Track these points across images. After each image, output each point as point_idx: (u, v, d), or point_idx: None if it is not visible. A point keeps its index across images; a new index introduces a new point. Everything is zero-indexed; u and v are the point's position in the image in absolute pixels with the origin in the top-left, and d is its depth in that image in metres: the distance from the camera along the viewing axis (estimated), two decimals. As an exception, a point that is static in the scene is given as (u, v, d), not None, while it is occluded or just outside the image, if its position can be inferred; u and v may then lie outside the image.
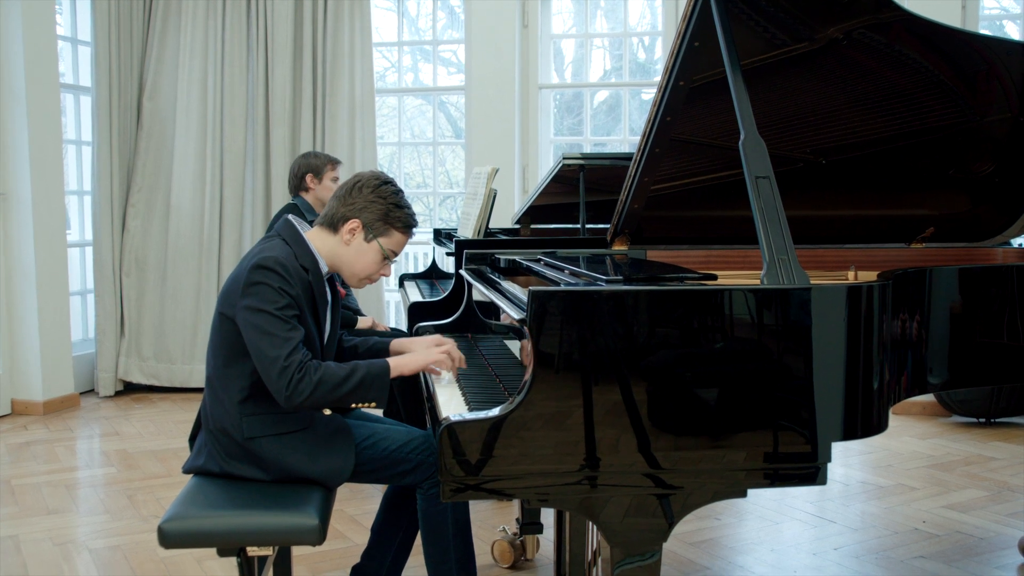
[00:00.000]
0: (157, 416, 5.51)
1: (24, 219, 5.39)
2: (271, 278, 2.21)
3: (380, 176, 2.40)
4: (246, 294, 2.21)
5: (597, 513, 1.84)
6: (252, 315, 2.20)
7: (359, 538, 3.42)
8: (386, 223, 2.36)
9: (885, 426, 2.00)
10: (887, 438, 4.86)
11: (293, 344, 2.18)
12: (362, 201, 2.35)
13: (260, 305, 2.20)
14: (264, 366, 2.19)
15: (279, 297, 2.20)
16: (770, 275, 1.95)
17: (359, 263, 2.39)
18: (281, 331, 2.18)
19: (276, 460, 2.29)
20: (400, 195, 2.39)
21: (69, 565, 3.27)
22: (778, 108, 2.78)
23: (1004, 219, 3.18)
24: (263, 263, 2.23)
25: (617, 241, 2.93)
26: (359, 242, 2.37)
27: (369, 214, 2.35)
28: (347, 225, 2.35)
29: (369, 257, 2.38)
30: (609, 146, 6.98)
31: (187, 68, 6.01)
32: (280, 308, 2.20)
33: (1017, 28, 6.10)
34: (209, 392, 2.37)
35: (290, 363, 2.16)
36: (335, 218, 2.37)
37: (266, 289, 2.20)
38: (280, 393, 2.17)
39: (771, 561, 3.31)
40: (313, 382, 2.17)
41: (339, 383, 2.20)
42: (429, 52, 7.21)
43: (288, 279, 2.23)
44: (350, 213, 2.35)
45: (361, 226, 2.35)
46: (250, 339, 2.21)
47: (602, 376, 1.79)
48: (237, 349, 2.28)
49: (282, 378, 2.16)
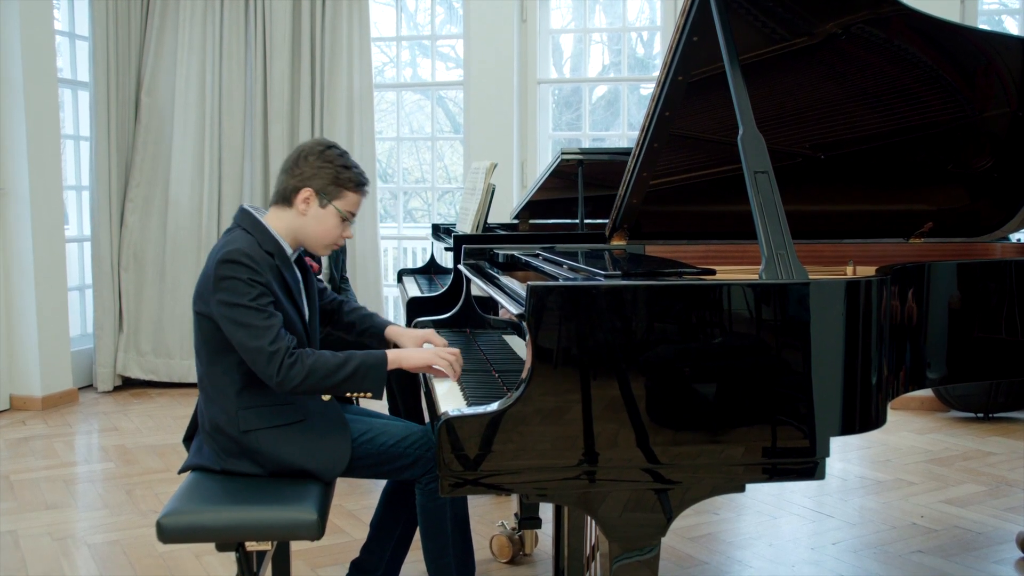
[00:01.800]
0: (155, 411, 5.51)
1: (22, 214, 5.38)
2: (239, 271, 2.21)
3: (322, 142, 2.40)
4: (218, 289, 2.22)
5: (595, 508, 1.84)
6: (228, 310, 2.21)
7: (358, 533, 3.42)
8: (337, 186, 2.36)
9: (883, 421, 2.00)
10: (885, 433, 4.87)
11: (274, 332, 2.19)
12: (310, 169, 2.35)
13: (233, 299, 2.20)
14: (250, 358, 2.20)
15: (250, 288, 2.21)
16: (768, 270, 1.94)
17: (319, 230, 2.38)
18: (259, 321, 2.19)
19: (272, 453, 2.29)
20: (346, 156, 2.40)
21: (68, 560, 3.27)
22: (777, 103, 2.78)
23: (1002, 214, 3.18)
24: (228, 257, 2.23)
25: (615, 236, 2.93)
26: (315, 210, 2.36)
27: (319, 180, 2.35)
28: (300, 195, 2.35)
29: (328, 223, 2.38)
30: (608, 141, 6.97)
31: (185, 63, 6.00)
32: (253, 299, 2.21)
33: (1016, 23, 6.10)
34: (202, 392, 2.37)
35: (276, 349, 2.17)
36: (287, 191, 2.37)
37: (236, 283, 2.21)
38: (271, 380, 2.19)
39: (769, 556, 3.31)
40: (306, 368, 2.19)
41: (333, 371, 2.21)
42: (428, 47, 7.20)
43: (256, 268, 2.23)
44: (300, 183, 2.35)
45: (314, 194, 2.35)
46: (231, 334, 2.22)
47: (601, 371, 1.79)
48: (221, 345, 2.28)
49: (271, 365, 2.17)
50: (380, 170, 7.21)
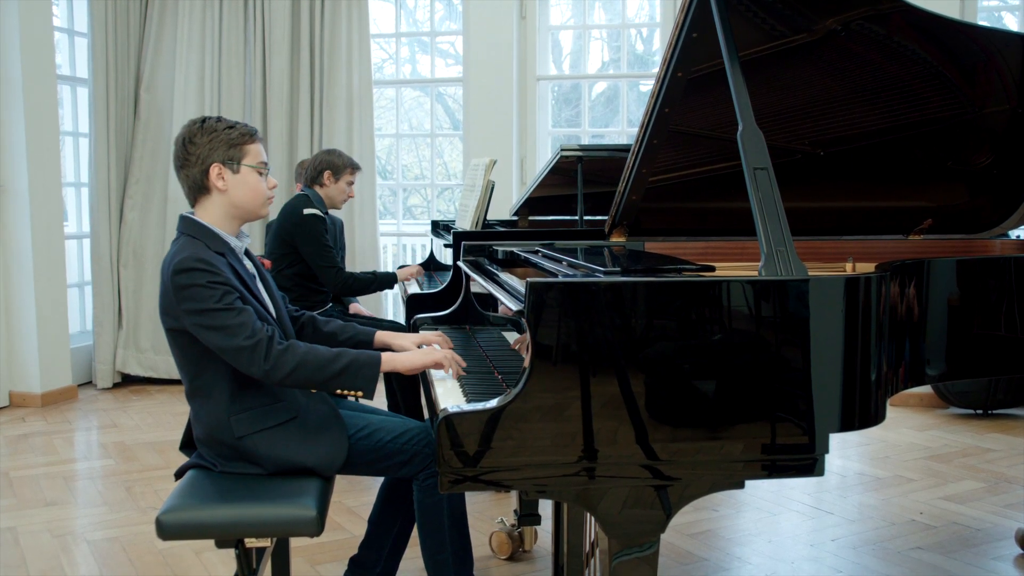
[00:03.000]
0: (155, 408, 5.51)
1: (21, 211, 5.38)
2: (196, 277, 2.19)
3: (194, 120, 2.39)
4: (181, 300, 2.19)
5: (595, 504, 1.84)
6: (197, 318, 2.18)
7: (357, 529, 3.43)
8: (235, 146, 2.34)
9: (883, 417, 2.00)
10: (885, 429, 4.87)
11: (248, 327, 2.17)
12: (203, 149, 2.32)
13: (200, 306, 2.18)
14: (232, 358, 2.18)
15: (212, 291, 2.18)
16: (768, 267, 1.94)
17: (247, 194, 2.36)
18: (230, 320, 2.17)
19: (270, 454, 2.28)
20: (222, 120, 2.38)
21: (67, 557, 3.27)
22: (776, 100, 2.78)
23: (1002, 211, 3.17)
24: (181, 266, 2.20)
25: (615, 233, 2.93)
26: (231, 178, 2.33)
27: (218, 152, 2.32)
28: (211, 175, 2.32)
29: (251, 182, 2.36)
30: (607, 138, 6.96)
31: (184, 60, 6.00)
32: (218, 300, 2.18)
33: (1016, 20, 6.10)
34: (192, 406, 2.35)
35: (256, 341, 2.16)
36: (197, 180, 2.34)
37: (197, 290, 2.18)
38: (259, 369, 2.16)
39: (769, 552, 3.31)
40: (298, 356, 2.17)
41: (324, 364, 2.20)
42: (427, 44, 7.20)
43: (212, 270, 2.21)
44: (205, 164, 2.32)
45: (222, 165, 2.33)
46: (207, 340, 2.19)
47: (600, 367, 1.79)
48: (201, 355, 2.26)
49: (255, 355, 2.16)
50: (379, 167, 7.21)
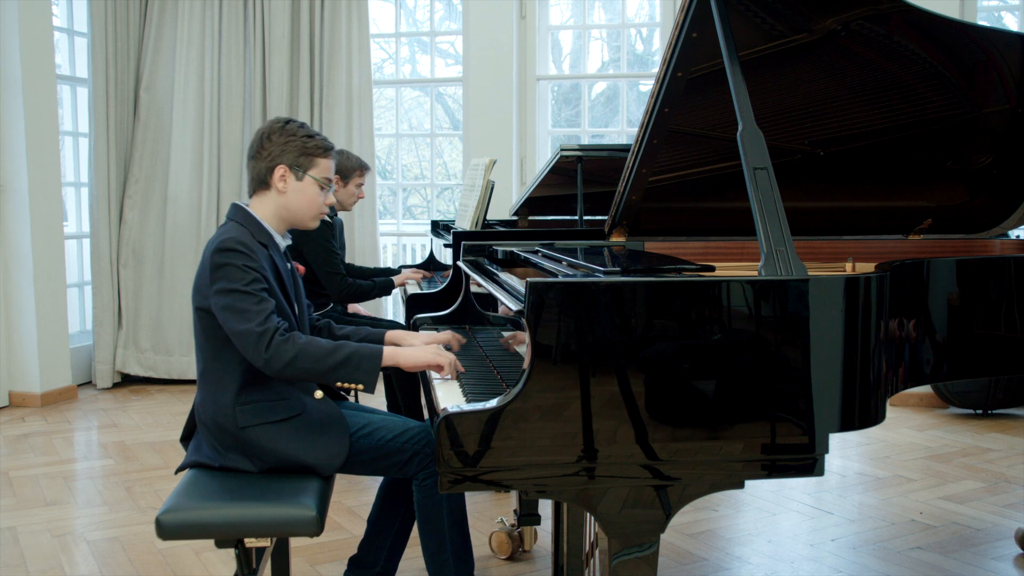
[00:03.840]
0: (155, 408, 5.51)
1: (21, 211, 5.38)
2: (234, 258, 2.24)
3: (280, 119, 2.44)
4: (214, 279, 2.25)
5: (595, 504, 1.84)
6: (223, 297, 2.22)
7: (357, 529, 3.43)
8: (307, 155, 2.40)
9: (882, 417, 2.00)
10: (884, 429, 4.87)
11: (264, 314, 2.20)
12: (276, 148, 2.39)
13: (229, 285, 2.22)
14: (240, 340, 2.20)
15: (245, 274, 2.23)
16: (768, 266, 1.94)
17: (303, 203, 2.42)
18: (251, 304, 2.21)
19: (270, 448, 2.29)
20: (306, 126, 2.44)
21: (67, 557, 3.27)
22: (776, 99, 2.78)
23: (1002, 210, 3.18)
24: (223, 245, 2.26)
25: (615, 232, 2.93)
26: (293, 184, 2.40)
27: (289, 155, 2.39)
28: (275, 174, 2.39)
29: (309, 193, 2.42)
30: (607, 138, 6.96)
31: (184, 59, 6.00)
32: (248, 283, 2.23)
33: (1015, 19, 6.10)
34: (201, 388, 2.37)
35: (265, 329, 2.18)
36: (261, 174, 2.41)
37: (232, 269, 2.23)
38: (259, 357, 2.18)
39: (768, 552, 3.31)
40: (297, 347, 2.19)
41: (324, 355, 2.21)
42: (427, 43, 7.20)
43: (250, 255, 2.26)
44: (272, 163, 2.39)
45: (288, 169, 2.39)
46: (224, 320, 2.23)
47: (600, 367, 1.79)
48: (221, 341, 2.29)
49: (260, 343, 2.18)
50: (379, 167, 7.21)
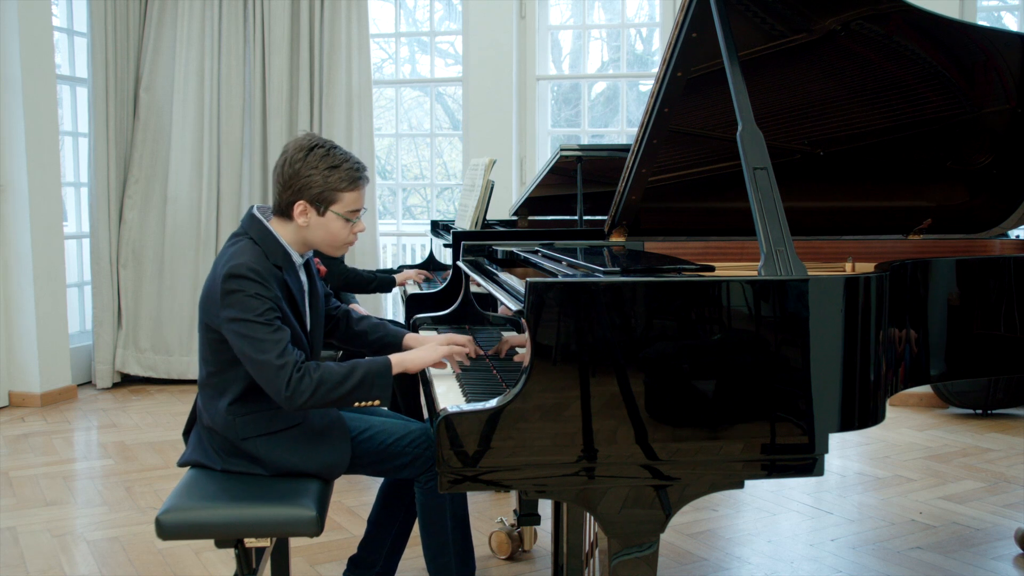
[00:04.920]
0: (154, 408, 5.51)
1: (21, 211, 5.38)
2: (246, 286, 2.16)
3: (303, 144, 2.25)
4: (225, 305, 2.18)
5: (595, 504, 1.84)
6: (236, 325, 2.16)
7: (357, 529, 3.42)
8: (329, 190, 2.24)
9: (882, 417, 2.00)
10: (884, 429, 4.87)
11: (282, 345, 2.15)
12: (298, 180, 2.23)
13: (241, 315, 2.16)
14: (258, 372, 2.16)
15: (258, 303, 2.16)
16: (767, 266, 1.94)
17: (326, 237, 2.29)
18: (266, 335, 2.14)
19: (271, 458, 2.28)
20: (332, 154, 2.24)
21: (67, 557, 3.27)
22: (776, 99, 2.78)
23: (1002, 210, 3.17)
24: (234, 271, 2.17)
25: (615, 232, 2.93)
26: (315, 219, 2.26)
27: (309, 191, 2.23)
28: (296, 209, 2.25)
29: (333, 228, 2.28)
30: (607, 137, 6.96)
31: (184, 59, 6.00)
32: (261, 314, 2.15)
33: (1015, 19, 6.10)
34: (202, 395, 2.35)
35: (284, 363, 2.13)
36: (282, 206, 2.27)
37: (243, 297, 2.16)
38: (280, 395, 2.14)
39: (768, 552, 3.31)
40: (314, 382, 2.14)
41: (340, 382, 2.17)
42: (426, 43, 7.19)
43: (263, 283, 2.18)
44: (293, 197, 2.24)
45: (308, 204, 2.25)
46: (239, 349, 2.18)
47: (599, 367, 1.79)
48: (226, 357, 2.25)
49: (279, 379, 2.13)
50: (379, 167, 7.21)
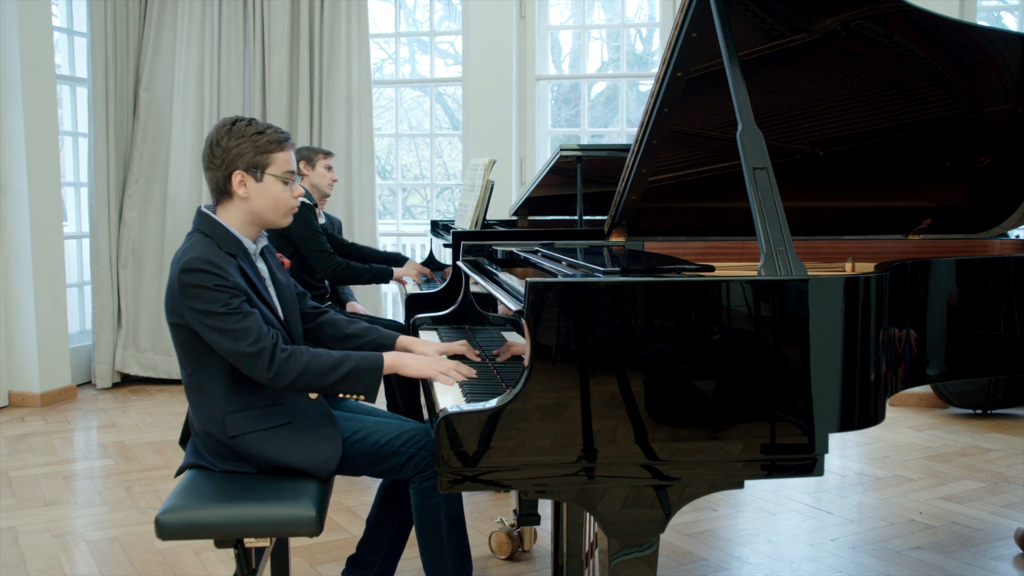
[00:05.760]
0: (154, 408, 5.51)
1: (21, 211, 5.38)
2: (203, 279, 2.18)
3: (225, 121, 2.32)
4: (187, 297, 2.19)
5: (594, 504, 1.84)
6: (202, 317, 2.18)
7: (356, 529, 3.42)
8: (261, 154, 2.28)
9: (882, 417, 2.00)
10: (884, 429, 4.87)
11: (253, 332, 2.16)
12: (228, 153, 2.27)
13: (205, 307, 2.17)
14: (237, 361, 2.19)
15: (220, 294, 2.17)
16: (767, 266, 1.94)
17: (269, 203, 2.32)
18: (234, 324, 2.16)
19: (262, 455, 2.28)
20: (254, 122, 2.31)
21: (67, 557, 3.27)
22: (776, 99, 2.77)
23: (1002, 210, 3.17)
24: (189, 265, 2.19)
25: (614, 232, 2.93)
26: (254, 187, 2.29)
27: (242, 159, 2.27)
28: (234, 181, 2.28)
29: (274, 192, 2.31)
30: (607, 138, 6.96)
31: (184, 59, 6.00)
32: (225, 304, 2.17)
33: (1015, 20, 6.10)
34: (190, 400, 2.36)
35: (260, 348, 2.15)
36: (220, 184, 2.31)
37: (203, 291, 2.17)
38: (263, 376, 2.17)
39: (768, 552, 3.31)
40: (301, 364, 2.17)
41: (327, 370, 2.19)
42: (426, 43, 7.19)
43: (219, 273, 2.19)
44: (227, 170, 2.28)
45: (245, 173, 2.28)
46: (213, 342, 2.20)
47: (599, 367, 1.79)
48: (200, 349, 2.26)
49: (259, 363, 2.16)
50: (379, 167, 7.20)
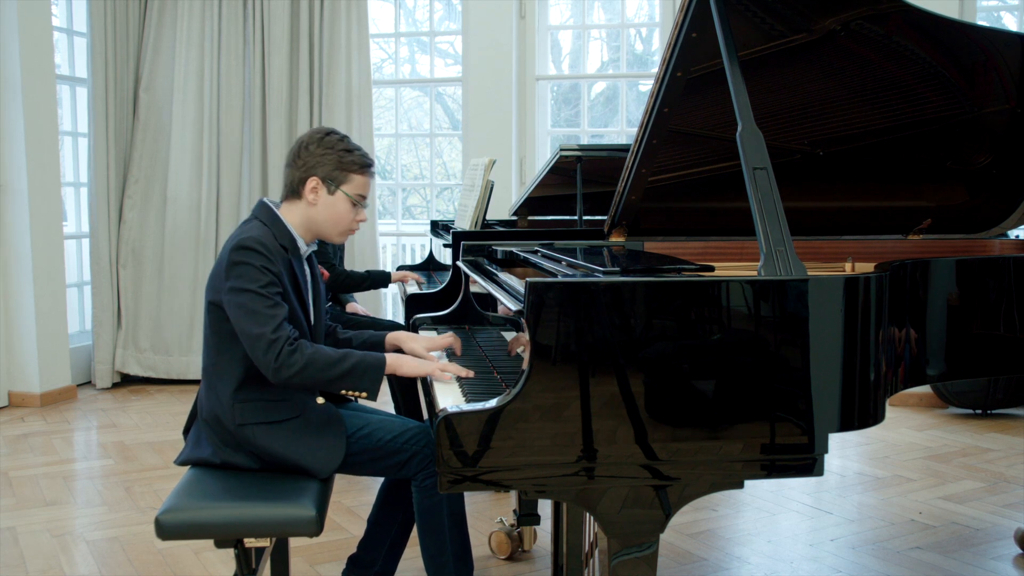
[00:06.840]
0: (154, 408, 5.51)
1: (20, 211, 5.38)
2: (252, 257, 2.23)
3: (321, 129, 2.41)
4: (229, 276, 2.24)
5: (594, 504, 1.84)
6: (236, 295, 2.22)
7: (356, 529, 3.42)
8: (342, 170, 2.37)
9: (882, 417, 2.00)
10: (884, 429, 4.87)
11: (278, 320, 2.20)
12: (313, 158, 2.36)
13: (243, 285, 2.22)
14: (250, 343, 2.20)
15: (261, 275, 2.22)
16: (767, 267, 1.94)
17: (332, 217, 2.40)
18: (265, 308, 2.20)
19: (267, 448, 2.29)
20: (347, 140, 2.40)
21: (66, 557, 3.27)
22: (776, 99, 2.78)
23: (1001, 210, 3.18)
24: (243, 243, 2.25)
25: (614, 232, 2.93)
26: (324, 198, 2.38)
27: (323, 168, 2.36)
28: (307, 185, 2.37)
29: (340, 208, 2.39)
30: (606, 138, 6.96)
31: (183, 59, 6.00)
32: (263, 286, 2.22)
33: (1015, 19, 6.10)
34: (205, 381, 2.38)
35: (277, 337, 2.18)
36: (294, 184, 2.39)
37: (248, 268, 2.23)
38: (268, 367, 2.19)
39: (768, 552, 3.31)
40: (305, 357, 2.19)
41: (331, 365, 2.22)
42: (426, 43, 7.19)
43: (269, 257, 2.25)
44: (306, 173, 2.37)
45: (320, 181, 2.36)
46: (235, 319, 2.23)
47: (599, 367, 1.79)
48: (228, 336, 2.29)
49: (270, 352, 2.18)
50: (379, 167, 7.21)
